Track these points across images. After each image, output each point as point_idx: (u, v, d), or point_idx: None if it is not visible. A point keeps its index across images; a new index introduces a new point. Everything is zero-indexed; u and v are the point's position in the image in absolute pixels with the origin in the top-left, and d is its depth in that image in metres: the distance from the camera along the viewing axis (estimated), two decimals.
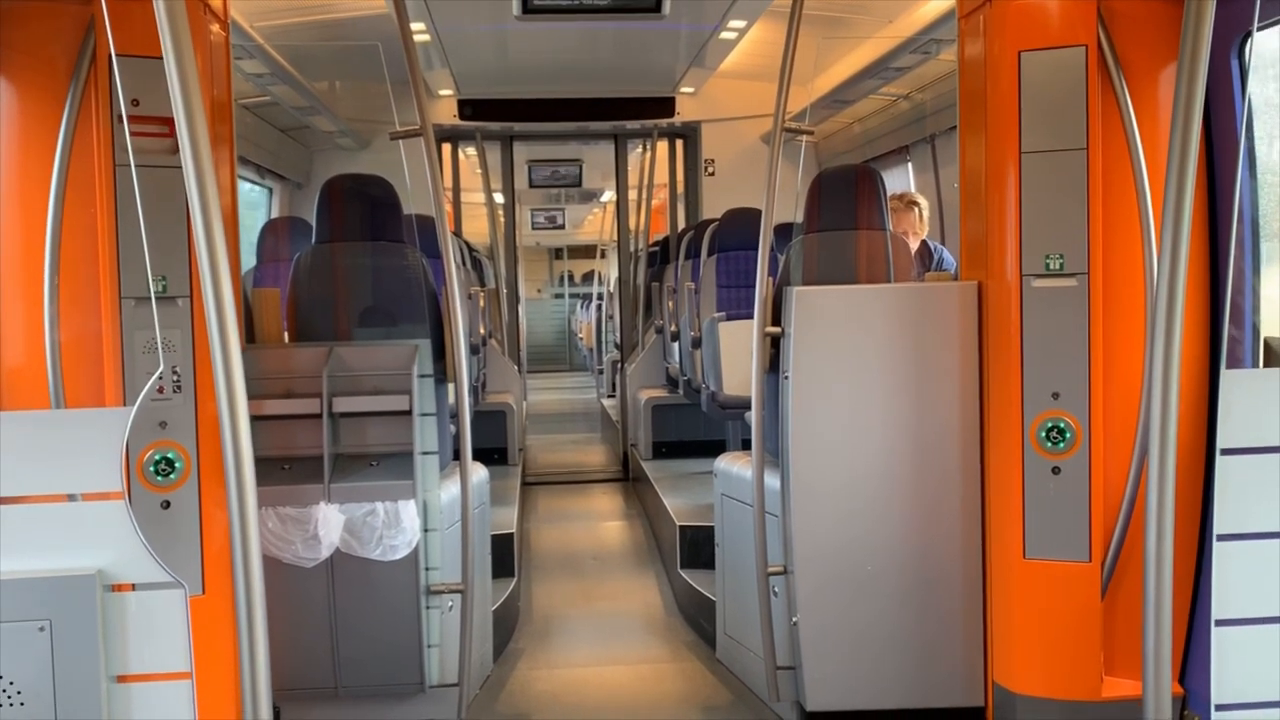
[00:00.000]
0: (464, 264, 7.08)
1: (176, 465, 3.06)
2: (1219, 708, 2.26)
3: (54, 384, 2.98)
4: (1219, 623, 2.26)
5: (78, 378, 3.06)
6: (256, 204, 8.29)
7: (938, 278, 4.05)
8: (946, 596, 3.62)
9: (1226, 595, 2.26)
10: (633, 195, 9.68)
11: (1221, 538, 2.26)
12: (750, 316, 3.93)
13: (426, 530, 3.69)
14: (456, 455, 3.82)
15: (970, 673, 3.62)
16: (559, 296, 22.19)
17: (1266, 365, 3.18)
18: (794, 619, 3.71)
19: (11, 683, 2.09)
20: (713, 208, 8.48)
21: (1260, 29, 3.07)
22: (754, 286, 3.84)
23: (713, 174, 9.08)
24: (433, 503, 3.73)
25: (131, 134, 2.96)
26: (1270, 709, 2.28)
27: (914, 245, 5.20)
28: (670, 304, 7.65)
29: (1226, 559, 2.27)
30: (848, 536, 3.64)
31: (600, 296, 15.32)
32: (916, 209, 5.41)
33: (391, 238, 4.14)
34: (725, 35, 6.81)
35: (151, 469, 3.05)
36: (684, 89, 8.55)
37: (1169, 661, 2.26)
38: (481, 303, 6.68)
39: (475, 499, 3.81)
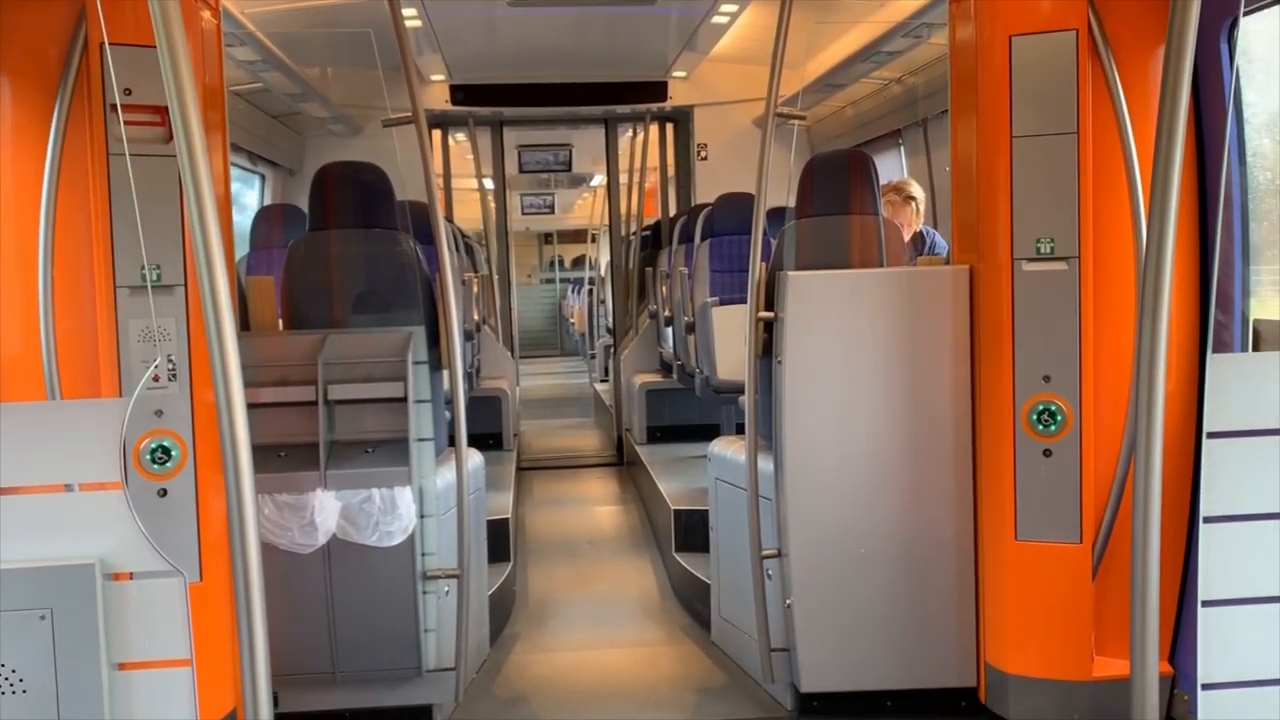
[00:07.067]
0: (457, 250, 7.07)
1: (173, 453, 3.08)
2: (1205, 687, 2.29)
3: (49, 375, 2.98)
4: (1206, 603, 2.29)
5: (73, 367, 3.07)
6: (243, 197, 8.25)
7: (929, 262, 4.07)
8: (939, 578, 3.65)
9: (1213, 576, 2.29)
10: (623, 179, 9.66)
11: (1209, 520, 2.28)
12: (743, 301, 3.94)
13: (422, 516, 3.71)
14: (452, 441, 3.83)
15: (963, 653, 3.65)
16: (549, 281, 22.13)
17: (1255, 349, 3.20)
18: (788, 601, 3.74)
19: (14, 670, 2.11)
20: (705, 192, 8.46)
21: (1247, 13, 3.08)
22: (747, 271, 3.86)
23: (705, 158, 9.05)
24: (428, 489, 3.74)
25: (124, 123, 2.96)
26: (1256, 688, 2.31)
27: (908, 235, 5.20)
28: (663, 289, 7.65)
29: (1213, 540, 2.29)
30: (841, 520, 3.67)
31: (591, 281, 15.30)
32: (914, 203, 5.37)
33: (385, 224, 4.14)
34: (717, 19, 6.79)
35: (148, 457, 3.06)
36: (676, 73, 8.53)
37: (1156, 643, 2.29)
38: (475, 288, 6.68)
39: (471, 485, 3.83)
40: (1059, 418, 3.31)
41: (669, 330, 7.54)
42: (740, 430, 4.23)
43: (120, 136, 2.97)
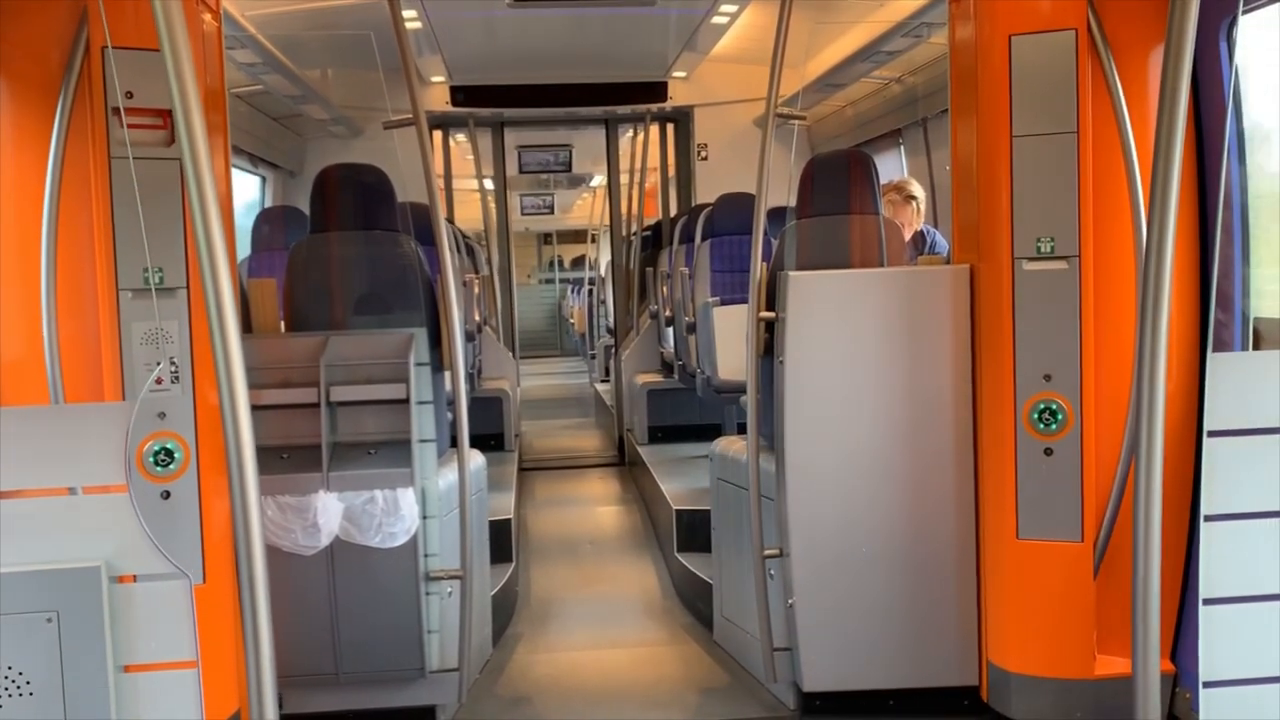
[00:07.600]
0: (457, 250, 7.08)
1: (176, 456, 3.08)
2: (1207, 685, 2.30)
3: (53, 378, 2.99)
4: (1207, 601, 2.29)
5: (76, 370, 3.07)
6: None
7: (930, 261, 4.08)
8: (941, 577, 3.66)
9: (1214, 574, 2.30)
10: (623, 180, 9.67)
11: (1209, 518, 2.29)
12: (744, 301, 3.95)
13: (425, 517, 3.72)
14: (454, 442, 3.84)
15: (965, 652, 3.66)
16: (548, 282, 22.12)
17: (1255, 348, 3.21)
18: (790, 601, 3.74)
19: (21, 673, 2.12)
20: (706, 192, 8.47)
21: (1246, 12, 3.08)
22: (748, 271, 3.86)
23: (705, 158, 9.06)
24: (431, 490, 3.75)
25: (126, 126, 2.97)
26: (1258, 685, 2.32)
27: (909, 235, 5.20)
28: (664, 289, 7.66)
29: (1214, 539, 2.30)
30: (843, 519, 3.67)
31: (591, 281, 15.30)
32: (914, 203, 5.37)
33: (386, 226, 4.14)
34: (717, 19, 6.80)
35: (151, 459, 3.06)
36: (676, 73, 8.54)
37: (1157, 642, 2.30)
38: (476, 289, 6.68)
39: (473, 485, 3.83)
40: (1060, 417, 3.31)
41: (670, 330, 7.54)
42: (742, 430, 4.24)
43: (122, 140, 2.98)
